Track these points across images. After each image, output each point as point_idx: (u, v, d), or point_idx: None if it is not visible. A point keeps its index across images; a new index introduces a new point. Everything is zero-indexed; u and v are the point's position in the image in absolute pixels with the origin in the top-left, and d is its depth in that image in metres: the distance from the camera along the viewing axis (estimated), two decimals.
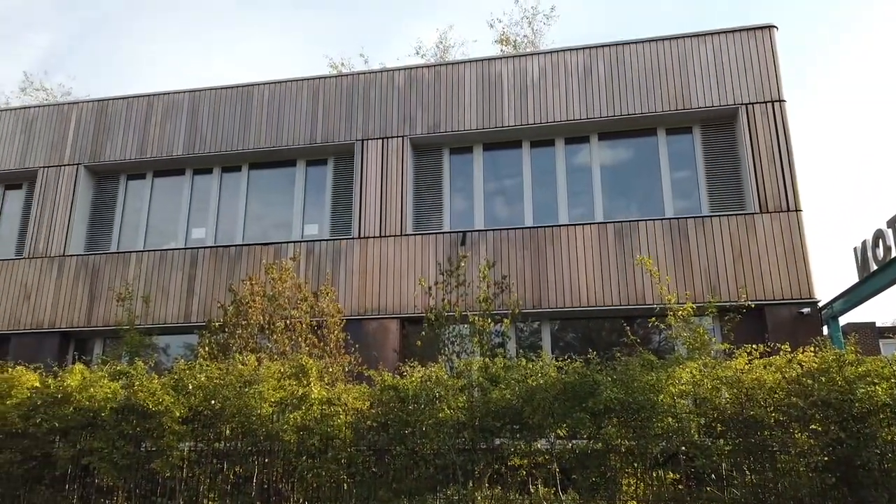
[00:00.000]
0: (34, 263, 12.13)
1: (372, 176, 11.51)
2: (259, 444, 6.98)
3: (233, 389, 6.94)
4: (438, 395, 6.69)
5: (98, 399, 7.03)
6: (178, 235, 12.39)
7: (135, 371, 7.27)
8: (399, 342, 10.49)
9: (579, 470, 6.50)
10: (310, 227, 12.06)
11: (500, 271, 10.47)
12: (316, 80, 12.33)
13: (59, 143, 12.86)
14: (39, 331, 11.73)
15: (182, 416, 6.94)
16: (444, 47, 26.03)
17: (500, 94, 11.48)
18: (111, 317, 11.53)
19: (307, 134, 12.03)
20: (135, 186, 12.89)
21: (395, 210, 11.26)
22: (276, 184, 12.54)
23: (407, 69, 12.06)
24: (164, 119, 12.64)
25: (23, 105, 13.74)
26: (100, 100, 13.08)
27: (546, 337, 10.59)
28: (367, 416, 6.93)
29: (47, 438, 7.15)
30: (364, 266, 11.05)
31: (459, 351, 9.26)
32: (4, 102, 26.83)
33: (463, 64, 11.88)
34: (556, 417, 6.36)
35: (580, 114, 11.12)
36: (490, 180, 11.60)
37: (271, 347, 8.90)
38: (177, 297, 11.53)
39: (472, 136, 11.56)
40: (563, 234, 10.58)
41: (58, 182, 12.59)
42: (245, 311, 9.15)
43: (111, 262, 11.95)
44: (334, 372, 8.08)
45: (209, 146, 12.34)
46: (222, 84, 12.66)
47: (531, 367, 6.71)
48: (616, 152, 11.51)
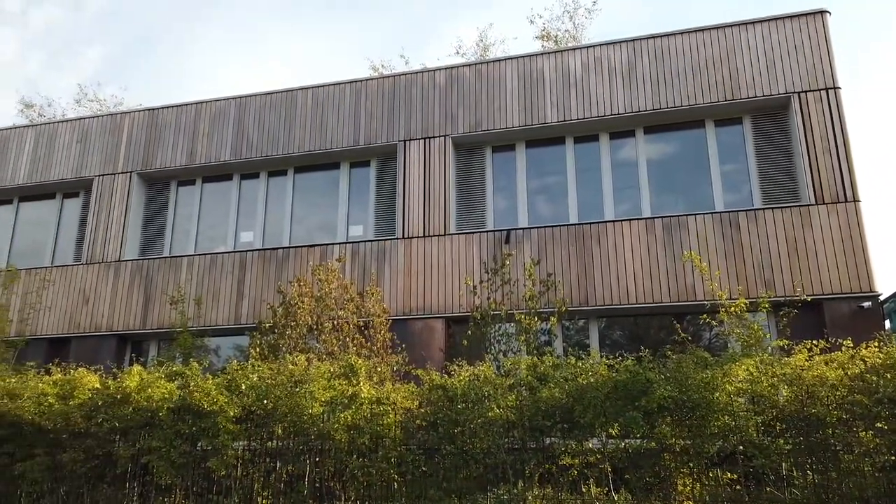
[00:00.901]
0: (91, 269, 12.56)
1: (415, 176, 11.55)
2: (310, 443, 7.06)
3: (284, 389, 7.04)
4: (487, 394, 6.67)
5: (155, 399, 7.21)
6: (227, 239, 12.67)
7: (190, 372, 7.43)
8: (445, 341, 10.49)
9: (632, 470, 6.39)
10: (354, 228, 12.17)
11: (545, 269, 10.38)
12: (358, 82, 12.44)
13: (113, 152, 13.29)
14: (97, 334, 12.13)
15: (236, 415, 7.07)
16: (484, 46, 25.96)
17: (542, 90, 11.38)
18: (165, 319, 11.85)
19: (350, 136, 12.15)
20: (185, 192, 13.23)
21: (438, 209, 11.28)
22: (320, 186, 12.70)
23: (447, 69, 12.07)
24: (212, 126, 12.94)
25: (78, 116, 14.24)
26: (150, 109, 13.47)
27: (593, 335, 10.45)
28: (417, 415, 6.95)
29: (108, 438, 7.37)
30: (408, 266, 11.09)
31: (506, 350, 9.22)
32: (61, 114, 27.88)
33: (504, 61, 11.82)
34: (607, 416, 6.26)
35: (625, 108, 10.94)
36: (533, 178, 11.51)
37: (320, 348, 9.02)
38: (227, 299, 11.78)
39: (515, 134, 11.49)
40: (610, 231, 10.42)
41: (112, 190, 13.01)
42: (294, 313, 9.28)
43: (164, 266, 12.28)
44: (382, 371, 8.14)
45: (255, 151, 12.58)
46: (267, 90, 12.89)
47: (581, 366, 6.63)
48: (662, 146, 11.28)
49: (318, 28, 56.38)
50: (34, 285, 12.65)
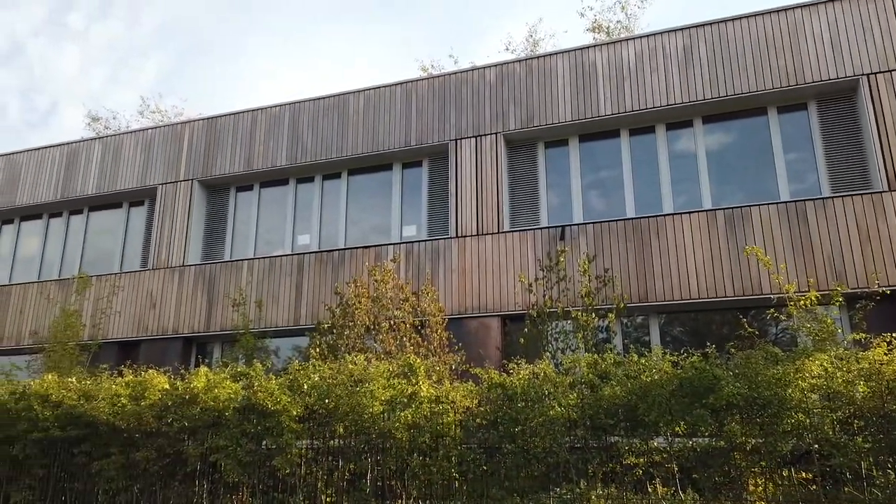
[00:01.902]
0: (157, 274, 13.02)
1: (467, 175, 11.53)
2: (371, 441, 7.12)
3: (345, 388, 7.12)
4: (547, 392, 6.59)
5: (221, 399, 7.39)
6: (284, 242, 12.93)
7: (254, 372, 7.60)
8: (501, 340, 10.44)
9: (701, 469, 6.20)
10: (408, 228, 12.24)
11: (602, 265, 10.20)
12: (408, 83, 12.51)
13: (175, 160, 13.74)
14: (164, 336, 12.56)
15: (298, 414, 7.18)
16: (534, 41, 25.74)
17: (595, 83, 11.19)
18: (227, 321, 12.18)
19: (402, 137, 12.22)
20: (244, 198, 13.56)
21: (491, 207, 11.23)
22: (374, 188, 12.82)
23: (497, 65, 12.00)
24: (268, 132, 13.23)
25: (142, 127, 14.80)
26: (208, 118, 13.87)
27: (654, 331, 10.21)
28: (476, 413, 6.93)
29: (178, 437, 7.60)
30: (463, 265, 11.08)
31: (563, 347, 9.13)
32: (125, 126, 29.04)
33: (555, 55, 11.67)
34: (673, 414, 6.10)
35: (682, 98, 10.65)
36: (587, 172, 11.33)
37: (377, 347, 9.11)
38: (286, 301, 12.01)
39: (567, 129, 11.33)
40: (669, 224, 10.16)
41: (175, 197, 13.45)
42: (351, 313, 9.42)
43: (225, 270, 12.62)
44: (440, 370, 8.15)
45: (310, 155, 12.79)
46: (319, 95, 13.10)
47: (644, 363, 6.47)
48: (722, 135, 10.93)
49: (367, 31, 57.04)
50: (104, 291, 13.19)
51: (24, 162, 15.00)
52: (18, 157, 15.11)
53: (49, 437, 8.03)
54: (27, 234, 15.08)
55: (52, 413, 8.03)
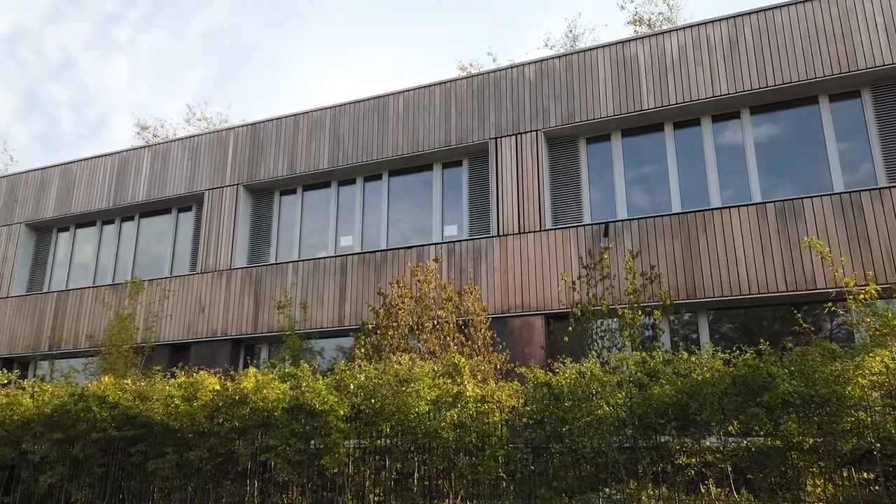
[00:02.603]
0: (206, 277, 13.32)
1: (507, 173, 11.48)
2: (418, 441, 7.15)
3: (390, 388, 7.16)
4: (594, 391, 6.51)
5: (270, 400, 7.51)
6: (328, 244, 13.08)
7: (301, 373, 7.71)
8: (545, 338, 10.35)
9: (756, 469, 6.05)
10: (449, 228, 12.25)
11: (648, 261, 10.02)
12: (447, 83, 12.51)
13: (221, 165, 14.05)
14: (213, 338, 12.84)
15: (345, 414, 7.25)
16: (573, 36, 25.48)
17: (637, 76, 11.00)
18: (274, 323, 12.39)
19: (441, 137, 12.23)
20: (287, 201, 13.78)
21: (532, 205, 11.14)
22: (414, 188, 12.87)
23: (536, 62, 11.91)
24: (310, 136, 13.41)
25: (189, 135, 15.17)
26: (252, 123, 14.13)
27: (703, 328, 9.98)
28: (522, 413, 6.89)
29: (229, 437, 7.77)
30: (505, 263, 11.03)
31: (609, 346, 9.00)
32: (173, 134, 29.82)
33: (595, 50, 11.52)
34: (725, 413, 5.96)
35: (727, 88, 10.38)
36: (631, 167, 11.15)
37: (421, 347, 9.13)
38: (330, 302, 12.15)
39: (609, 124, 11.17)
40: (717, 218, 9.92)
41: (221, 202, 13.75)
42: (394, 313, 9.46)
43: (271, 272, 12.84)
44: (485, 370, 8.12)
45: (351, 158, 12.92)
46: (359, 97, 13.21)
47: (694, 361, 6.33)
48: (771, 126, 10.62)
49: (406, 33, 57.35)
50: (156, 295, 13.57)
51: (78, 171, 15.55)
52: (73, 167, 15.66)
53: (107, 438, 8.30)
54: (82, 240, 15.62)
55: (109, 414, 8.29)
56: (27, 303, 14.87)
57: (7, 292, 15.17)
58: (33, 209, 15.71)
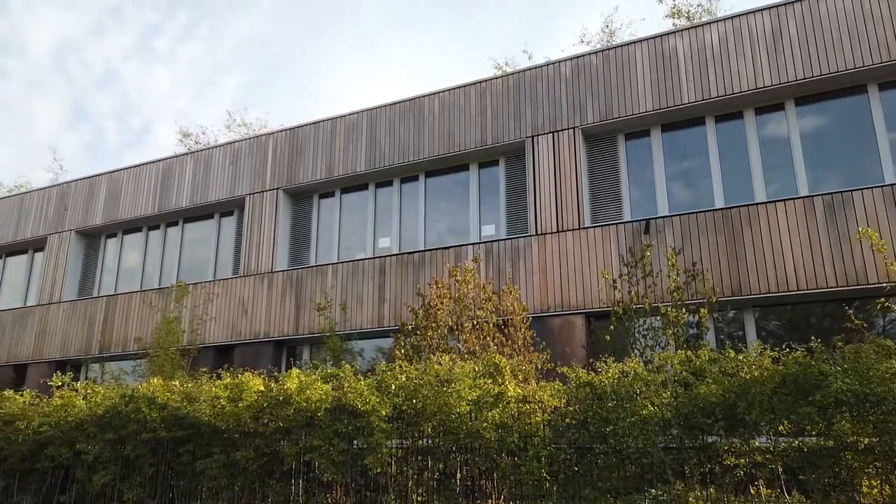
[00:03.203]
0: (248, 280, 13.57)
1: (545, 171, 11.40)
2: (460, 441, 7.15)
3: (431, 389, 7.17)
4: (638, 391, 6.42)
5: (313, 400, 7.60)
6: (366, 246, 13.19)
7: (343, 374, 7.78)
8: (586, 338, 10.25)
9: (808, 470, 5.88)
10: (487, 227, 12.23)
11: (690, 258, 9.83)
12: (482, 82, 12.49)
13: (261, 170, 14.29)
14: (256, 340, 13.07)
15: (387, 414, 7.30)
16: (610, 31, 25.18)
17: (677, 70, 10.81)
18: (315, 325, 12.54)
19: (478, 137, 12.21)
20: (326, 204, 13.94)
21: (571, 204, 11.04)
22: (451, 189, 12.88)
23: (573, 58, 11.80)
24: (347, 139, 13.54)
25: (229, 141, 15.46)
26: (291, 128, 14.34)
27: (749, 326, 9.75)
28: (565, 413, 6.84)
29: (274, 437, 7.88)
30: (544, 263, 10.96)
31: (652, 345, 8.84)
32: (214, 140, 30.45)
33: (633, 44, 11.36)
34: (776, 413, 5.81)
35: (771, 80, 10.11)
36: (671, 163, 10.96)
37: (460, 347, 9.12)
38: (369, 303, 12.25)
39: (649, 119, 10.99)
40: (762, 213, 9.68)
41: (262, 206, 13.98)
42: (434, 314, 9.47)
43: (311, 274, 13.01)
44: (526, 370, 8.08)
45: (388, 160, 13.00)
46: (395, 99, 13.28)
47: (742, 359, 6.19)
48: (817, 117, 10.31)
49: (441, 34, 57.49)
50: (200, 298, 13.87)
51: (124, 179, 16.00)
52: (119, 175, 16.13)
53: (156, 438, 8.51)
54: (129, 246, 16.07)
55: (158, 415, 8.50)
56: (78, 307, 15.37)
57: (59, 297, 15.70)
58: (82, 217, 16.23)
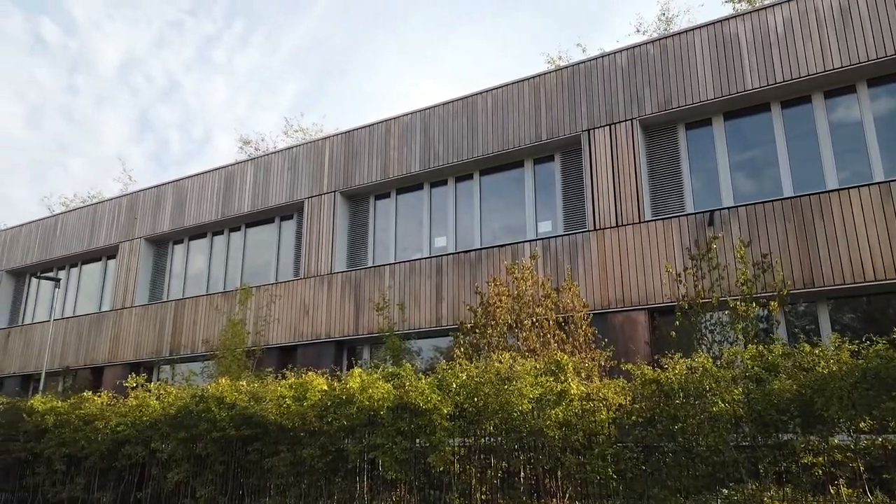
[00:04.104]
0: (309, 282, 13.83)
1: (602, 165, 11.19)
2: (522, 439, 7.09)
3: (492, 387, 7.14)
4: (708, 387, 6.21)
5: (376, 399, 7.66)
6: (422, 246, 13.25)
7: (404, 372, 7.83)
8: (649, 334, 10.01)
9: (893, 469, 5.56)
10: (543, 224, 12.09)
11: (759, 250, 9.47)
12: (536, 77, 12.37)
13: (318, 174, 14.54)
14: (318, 341, 13.31)
15: (449, 413, 7.30)
16: (666, 19, 24.58)
17: (738, 55, 10.43)
18: (374, 325, 12.68)
19: (532, 132, 12.10)
20: (382, 205, 14.07)
21: (630, 197, 10.81)
22: (506, 186, 12.80)
23: (629, 49, 11.54)
24: (401, 140, 13.63)
25: (287, 146, 15.80)
26: (346, 131, 14.54)
27: (823, 319, 9.32)
28: (631, 411, 6.69)
29: (338, 435, 7.99)
30: (603, 258, 10.76)
31: (720, 340, 8.58)
32: (273, 146, 31.21)
33: (691, 31, 11.02)
34: (856, 409, 5.53)
35: (840, 61, 9.65)
36: (735, 152, 10.58)
37: (520, 346, 9.05)
38: (427, 303, 12.29)
39: (710, 107, 10.65)
40: (834, 201, 9.24)
41: (320, 209, 14.23)
42: (492, 312, 9.43)
43: (369, 275, 13.15)
44: (588, 367, 7.95)
45: (442, 159, 13.02)
46: (448, 99, 13.29)
47: (819, 353, 5.91)
48: (891, 99, 9.76)
49: (493, 31, 57.39)
50: (264, 301, 14.22)
51: (189, 187, 16.56)
52: (184, 183, 16.71)
53: (226, 437, 8.75)
54: (195, 251, 16.63)
55: (227, 414, 8.74)
56: (149, 312, 16.00)
57: (132, 302, 16.38)
58: (151, 224, 16.89)
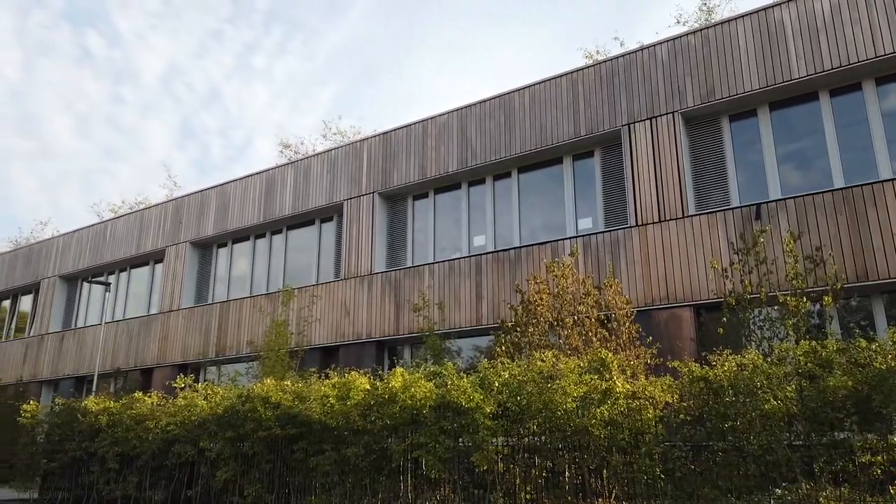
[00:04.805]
0: (349, 283, 13.95)
1: (643, 159, 11.00)
2: (567, 438, 7.01)
3: (535, 386, 7.08)
4: (759, 384, 6.04)
5: (418, 398, 7.67)
6: (461, 245, 13.23)
7: (446, 371, 7.82)
8: (695, 331, 9.80)
9: None
10: (583, 221, 11.95)
11: (809, 243, 9.18)
12: (573, 73, 12.23)
13: (356, 175, 14.66)
14: (359, 341, 13.41)
15: (492, 412, 7.26)
16: (707, 9, 24.07)
17: (784, 43, 10.13)
18: (414, 325, 12.71)
19: (570, 128, 11.97)
20: (420, 205, 14.10)
21: (672, 191, 10.60)
22: (545, 183, 12.69)
23: (669, 41, 11.32)
24: (438, 140, 13.64)
25: (325, 149, 15.97)
26: (384, 133, 14.62)
27: (878, 313, 8.99)
28: (678, 409, 6.55)
29: (381, 434, 8.03)
30: (646, 254, 10.58)
31: (770, 336, 8.32)
32: (312, 150, 31.58)
33: (734, 20, 10.75)
34: None
35: (893, 46, 9.28)
36: (782, 142, 10.28)
37: (562, 344, 8.94)
38: (467, 302, 12.27)
39: (755, 97, 10.37)
40: (888, 191, 8.90)
41: (359, 211, 14.34)
42: (533, 310, 9.34)
43: (408, 275, 13.19)
44: (633, 365, 7.81)
45: (479, 158, 12.98)
46: (484, 97, 13.25)
47: (876, 349, 5.69)
48: None
49: (528, 28, 57.09)
50: (305, 302, 14.40)
51: (232, 191, 16.88)
52: (227, 188, 17.04)
53: (272, 436, 8.88)
54: (238, 254, 16.94)
55: (272, 413, 8.87)
56: (195, 314, 16.36)
57: (178, 305, 16.78)
58: (196, 228, 17.27)
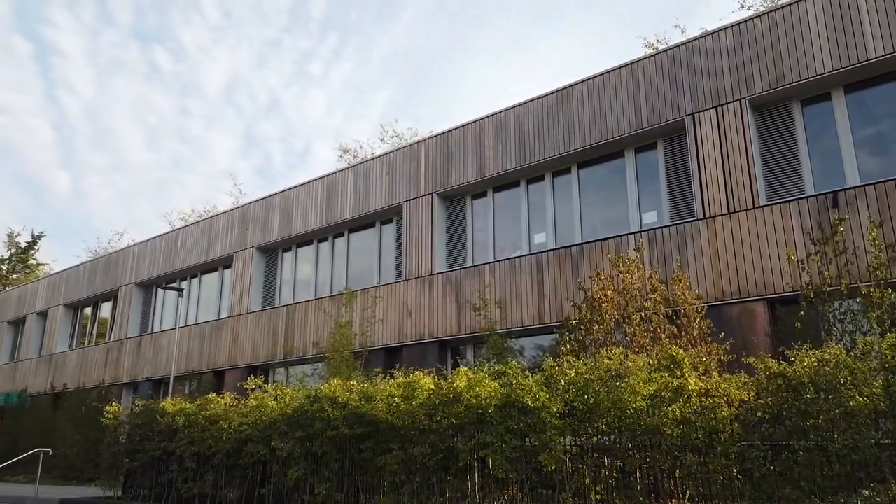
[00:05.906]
0: (411, 284, 14.04)
1: (709, 149, 10.64)
2: (637, 438, 6.84)
3: (603, 384, 6.93)
4: (843, 380, 5.73)
5: (483, 398, 7.64)
6: (521, 243, 13.12)
7: (511, 371, 7.76)
8: (769, 325, 9.40)
9: None
10: (647, 215, 11.66)
11: (892, 231, 8.68)
12: (633, 64, 11.95)
13: (415, 177, 14.75)
14: (422, 341, 13.49)
15: (558, 411, 7.16)
16: None
17: (858, 21, 9.61)
18: (475, 324, 12.68)
19: (632, 121, 11.70)
20: (479, 205, 14.07)
21: (741, 182, 10.21)
22: (606, 178, 12.46)
23: (733, 26, 10.91)
24: (496, 138, 13.58)
25: (384, 152, 16.14)
26: (441, 133, 14.66)
27: None
28: (755, 407, 6.29)
29: (447, 433, 8.03)
30: (714, 247, 10.23)
31: (852, 330, 7.90)
32: (370, 153, 32.03)
33: (803, 1, 10.26)
34: None
35: None
36: (859, 127, 9.76)
37: (629, 341, 8.74)
38: (528, 300, 12.16)
39: (828, 80, 9.88)
40: None
41: (418, 212, 14.43)
42: (598, 308, 9.17)
43: (469, 275, 13.18)
44: (706, 362, 7.55)
45: (538, 154, 12.85)
46: (542, 93, 13.10)
47: None
48: None
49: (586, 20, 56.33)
50: (368, 303, 14.59)
51: (294, 196, 17.27)
52: (290, 193, 17.45)
53: (340, 435, 9.01)
54: (302, 258, 17.32)
55: (340, 413, 9.00)
56: (263, 317, 16.82)
57: (247, 309, 17.28)
58: (261, 234, 17.76)
